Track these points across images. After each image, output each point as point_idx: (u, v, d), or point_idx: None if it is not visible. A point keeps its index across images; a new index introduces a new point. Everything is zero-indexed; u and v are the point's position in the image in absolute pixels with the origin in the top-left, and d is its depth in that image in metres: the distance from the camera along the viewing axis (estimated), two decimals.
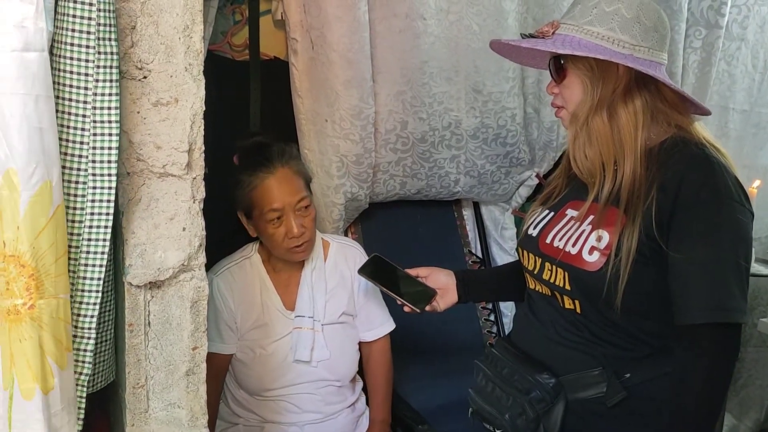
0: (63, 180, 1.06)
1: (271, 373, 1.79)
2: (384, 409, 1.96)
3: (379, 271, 1.70)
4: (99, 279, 1.10)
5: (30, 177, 0.99)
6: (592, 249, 1.32)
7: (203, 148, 1.20)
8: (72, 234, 1.09)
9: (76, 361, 1.11)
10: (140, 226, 1.18)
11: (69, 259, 1.09)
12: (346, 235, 2.26)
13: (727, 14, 2.38)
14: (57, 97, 1.05)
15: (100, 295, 1.10)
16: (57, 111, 1.05)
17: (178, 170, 1.18)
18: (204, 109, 1.19)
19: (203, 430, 1.27)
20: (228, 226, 1.86)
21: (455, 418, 2.03)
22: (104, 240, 1.09)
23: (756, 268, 2.33)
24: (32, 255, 1.00)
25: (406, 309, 1.65)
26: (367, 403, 1.99)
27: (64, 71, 1.04)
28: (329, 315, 1.85)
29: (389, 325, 1.97)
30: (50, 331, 1.03)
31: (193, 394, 1.25)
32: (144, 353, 1.22)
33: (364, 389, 2.00)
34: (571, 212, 1.42)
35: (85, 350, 1.11)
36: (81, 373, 1.12)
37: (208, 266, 1.30)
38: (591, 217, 1.35)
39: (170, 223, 1.19)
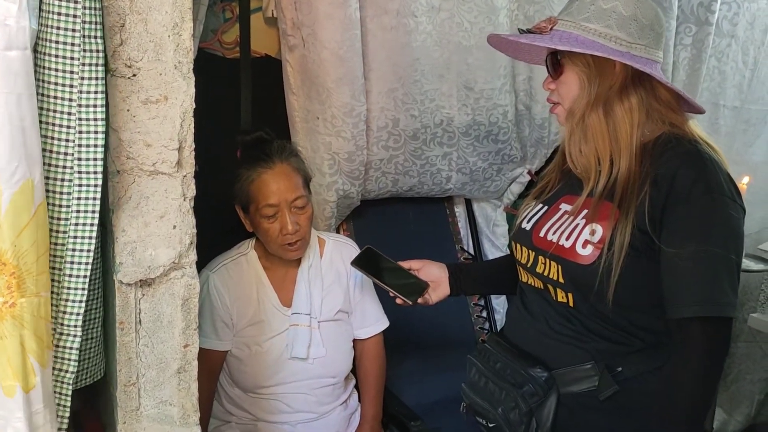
0: (49, 178, 1.06)
1: (267, 370, 1.79)
2: (375, 405, 1.96)
3: (371, 263, 1.71)
4: (85, 277, 1.09)
5: (12, 175, 0.98)
6: (586, 243, 1.33)
7: (193, 145, 1.20)
8: (58, 232, 1.08)
9: (61, 359, 1.11)
10: (130, 224, 1.18)
11: (55, 257, 1.09)
12: (337, 232, 2.26)
13: (717, 11, 2.39)
14: (42, 95, 1.04)
15: (86, 293, 1.10)
16: (42, 108, 1.05)
17: (169, 168, 1.18)
18: (194, 106, 1.19)
19: (195, 427, 1.27)
20: (219, 224, 1.85)
21: (448, 413, 2.03)
22: (90, 238, 1.09)
23: (746, 263, 2.34)
24: (14, 253, 1.00)
25: (398, 301, 1.66)
26: (360, 400, 2.00)
27: (50, 69, 1.03)
28: (325, 312, 1.85)
29: (383, 323, 1.97)
30: (32, 329, 1.03)
31: (185, 392, 1.25)
32: (135, 351, 1.21)
33: (357, 386, 2.01)
34: (564, 206, 1.43)
35: (70, 348, 1.11)
36: (66, 371, 1.12)
37: (200, 265, 1.30)
38: (585, 212, 1.36)
39: (161, 221, 1.19)
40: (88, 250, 1.09)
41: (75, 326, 1.10)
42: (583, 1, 1.36)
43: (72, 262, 1.09)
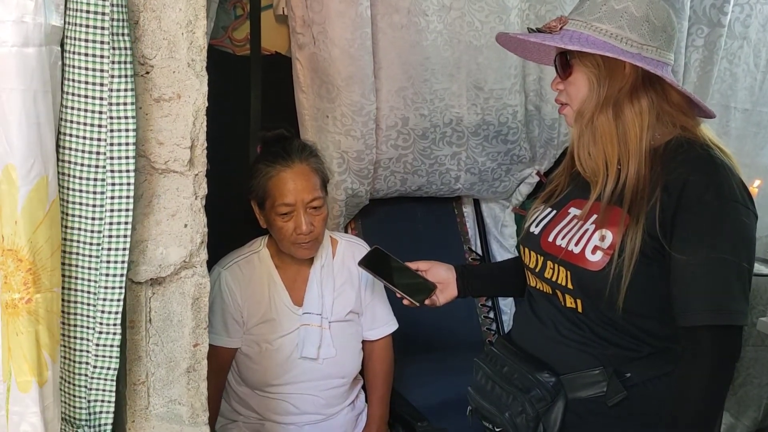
0: (81, 178, 1.06)
1: (276, 369, 1.79)
2: (382, 406, 1.96)
3: (379, 263, 1.70)
4: (122, 275, 1.09)
5: (28, 172, 0.98)
6: (595, 248, 1.32)
7: (206, 144, 1.20)
8: (92, 231, 1.08)
9: (102, 356, 1.11)
10: (142, 223, 1.17)
11: (90, 256, 1.09)
12: (346, 231, 2.26)
13: (730, 12, 2.38)
14: (73, 94, 1.04)
15: (123, 290, 1.10)
16: (73, 108, 1.04)
17: (180, 166, 1.17)
18: (207, 105, 1.18)
19: (204, 427, 1.26)
20: (228, 222, 1.85)
21: (454, 415, 2.03)
22: (125, 236, 1.09)
23: (755, 267, 2.32)
24: (30, 249, 1.00)
25: (405, 302, 1.65)
26: (366, 400, 1.99)
27: (79, 67, 1.03)
28: (336, 312, 1.84)
29: (393, 325, 1.97)
30: (46, 324, 1.04)
31: (194, 391, 1.25)
32: (145, 350, 1.21)
33: (363, 387, 2.00)
34: (573, 211, 1.41)
35: (111, 346, 1.11)
36: (109, 368, 1.12)
37: (210, 263, 1.29)
38: (594, 216, 1.35)
39: (172, 220, 1.18)
40: (124, 249, 1.09)
41: (114, 324, 1.11)
42: (594, 1, 1.34)
43: (109, 261, 1.09)
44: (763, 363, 2.76)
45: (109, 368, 1.12)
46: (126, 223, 1.09)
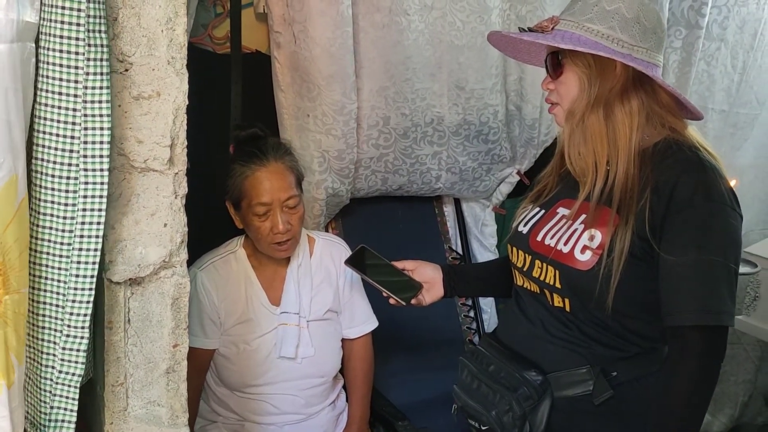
0: (54, 176, 1.04)
1: (254, 369, 1.78)
2: (362, 406, 1.96)
3: (365, 262, 1.70)
4: (92, 276, 1.07)
5: None
6: (585, 248, 1.32)
7: (186, 143, 1.18)
8: (63, 231, 1.06)
9: (68, 361, 1.09)
10: (121, 222, 1.16)
11: (61, 256, 1.07)
12: (326, 230, 2.25)
13: (708, 15, 2.40)
14: (45, 90, 1.02)
15: (93, 293, 1.07)
16: (44, 104, 1.02)
17: (160, 165, 1.16)
18: (187, 103, 1.17)
19: (183, 428, 1.25)
20: (206, 221, 1.83)
21: (435, 413, 2.03)
22: (97, 237, 1.06)
23: None
24: (0, 250, 0.98)
25: (391, 301, 1.65)
26: (347, 400, 1.99)
27: (54, 64, 1.01)
28: (315, 311, 1.84)
29: (372, 323, 1.96)
30: (13, 326, 1.02)
31: (174, 392, 1.24)
32: (123, 351, 1.19)
33: (344, 386, 2.00)
34: (562, 210, 1.42)
35: (77, 350, 1.09)
36: (73, 374, 1.09)
37: (189, 262, 1.28)
38: (583, 216, 1.35)
39: (151, 219, 1.17)
40: (95, 249, 1.07)
41: (82, 327, 1.08)
42: (586, 1, 1.35)
43: (79, 262, 1.07)
44: (739, 361, 2.80)
45: (73, 374, 1.10)
46: (98, 223, 1.07)
